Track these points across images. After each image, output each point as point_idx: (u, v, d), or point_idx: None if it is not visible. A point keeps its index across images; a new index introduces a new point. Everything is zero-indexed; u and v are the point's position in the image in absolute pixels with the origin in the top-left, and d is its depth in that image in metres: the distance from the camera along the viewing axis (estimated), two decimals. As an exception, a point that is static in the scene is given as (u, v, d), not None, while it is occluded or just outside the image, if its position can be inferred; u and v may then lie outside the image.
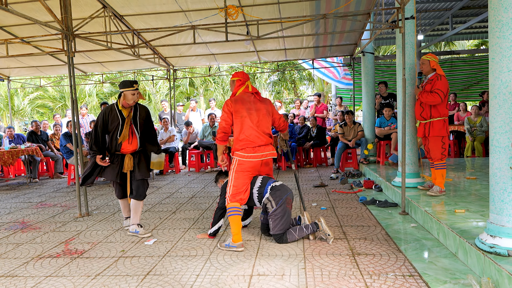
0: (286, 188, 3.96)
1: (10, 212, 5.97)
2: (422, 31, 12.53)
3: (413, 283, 2.88)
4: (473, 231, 3.41)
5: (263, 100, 4.09)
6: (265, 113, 4.00)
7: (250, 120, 3.89)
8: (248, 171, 3.91)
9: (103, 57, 9.93)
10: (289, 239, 3.83)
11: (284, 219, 3.82)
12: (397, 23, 5.20)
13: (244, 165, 3.90)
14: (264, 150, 3.93)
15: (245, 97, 4.00)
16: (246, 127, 3.89)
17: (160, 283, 3.11)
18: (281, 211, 3.81)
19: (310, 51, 10.40)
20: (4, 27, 7.67)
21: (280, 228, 3.82)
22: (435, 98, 4.71)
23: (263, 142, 3.92)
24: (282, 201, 3.83)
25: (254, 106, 3.97)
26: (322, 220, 3.87)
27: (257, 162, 3.92)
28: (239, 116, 3.91)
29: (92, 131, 4.41)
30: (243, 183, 3.90)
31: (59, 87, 20.55)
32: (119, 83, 4.38)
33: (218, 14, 6.41)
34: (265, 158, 3.95)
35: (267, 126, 4.00)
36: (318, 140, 9.57)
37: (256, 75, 21.54)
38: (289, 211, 3.90)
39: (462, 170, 6.84)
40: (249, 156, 3.88)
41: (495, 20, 2.84)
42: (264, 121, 3.96)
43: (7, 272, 3.48)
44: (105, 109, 4.38)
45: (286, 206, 3.85)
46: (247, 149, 3.89)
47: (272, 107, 4.15)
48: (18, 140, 9.54)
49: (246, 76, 4.15)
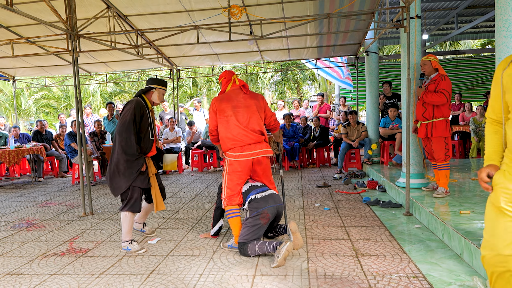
0: (268, 201, 3.67)
1: (15, 210, 6.00)
2: (427, 30, 12.49)
3: (417, 285, 2.87)
4: (479, 233, 3.39)
5: (253, 95, 3.88)
6: (255, 110, 3.79)
7: (236, 119, 3.71)
8: (239, 171, 3.74)
9: (107, 57, 9.96)
10: (249, 250, 3.52)
11: (252, 231, 3.57)
12: (401, 23, 5.18)
13: (233, 165, 3.74)
14: (255, 148, 3.73)
15: (232, 94, 3.82)
16: (232, 126, 3.71)
17: (163, 282, 3.12)
18: (252, 222, 3.60)
19: (313, 51, 10.38)
20: (10, 27, 7.70)
21: (244, 237, 3.57)
22: (441, 98, 4.68)
23: (253, 140, 3.73)
24: (256, 213, 3.61)
25: (243, 102, 3.78)
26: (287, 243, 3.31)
27: (248, 161, 3.73)
28: (224, 115, 3.75)
29: (127, 133, 3.73)
30: (236, 184, 3.76)
31: (64, 87, 20.63)
32: (151, 79, 4.07)
33: (221, 14, 6.42)
34: (257, 156, 3.74)
35: (257, 123, 3.78)
36: (321, 140, 9.55)
37: (259, 74, 21.54)
38: (262, 224, 3.60)
39: (467, 171, 6.81)
40: (238, 155, 3.71)
41: (502, 19, 2.82)
42: (254, 118, 3.76)
43: (13, 270, 3.49)
44: (136, 106, 3.81)
45: (260, 219, 3.59)
46: (236, 149, 3.72)
47: (265, 103, 3.93)
48: (23, 140, 9.59)
49: (231, 73, 3.99)
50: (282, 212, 3.83)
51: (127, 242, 3.88)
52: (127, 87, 22.71)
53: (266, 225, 3.64)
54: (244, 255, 3.58)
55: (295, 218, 4.86)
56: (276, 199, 3.77)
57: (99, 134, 8.84)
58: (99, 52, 8.99)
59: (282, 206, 3.82)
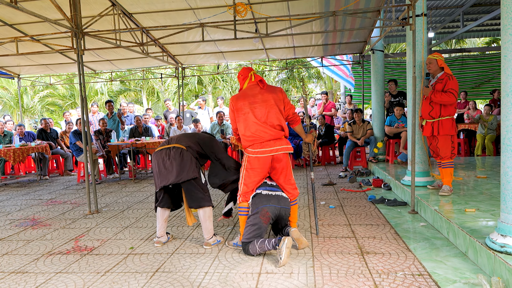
0: (271, 200, 3.63)
1: (20, 209, 6.03)
2: (432, 28, 12.42)
3: (422, 282, 2.86)
4: (484, 231, 3.37)
5: (270, 89, 3.79)
6: (273, 104, 3.69)
7: (253, 116, 3.66)
8: (257, 168, 3.70)
9: (112, 55, 9.99)
10: (250, 249, 3.49)
11: (252, 230, 3.51)
12: (407, 20, 5.15)
13: (252, 162, 3.70)
14: (274, 145, 3.66)
15: (248, 91, 3.76)
16: (251, 123, 3.66)
17: (169, 280, 3.12)
18: (252, 220, 3.56)
19: (319, 49, 10.36)
20: (14, 25, 7.73)
21: (246, 237, 3.53)
22: (450, 98, 4.67)
23: (272, 136, 3.66)
24: (256, 210, 3.58)
25: (261, 97, 3.71)
26: (286, 240, 3.28)
27: (267, 158, 3.67)
28: (242, 113, 3.72)
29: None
30: (252, 181, 3.74)
31: (69, 85, 20.70)
32: None
33: (226, 11, 6.40)
34: (276, 153, 3.67)
35: (276, 117, 3.69)
36: (326, 139, 9.53)
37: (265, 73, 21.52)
38: (262, 223, 3.54)
39: (473, 169, 6.77)
40: (257, 152, 3.65)
41: (508, 17, 2.80)
42: (272, 112, 3.68)
43: (18, 268, 3.51)
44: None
45: (260, 217, 3.54)
46: (255, 145, 3.67)
47: (284, 95, 3.81)
48: (28, 138, 9.64)
49: (248, 69, 3.93)
50: (286, 215, 3.75)
51: (212, 237, 3.91)
52: (133, 85, 22.79)
53: (266, 226, 3.59)
54: (247, 254, 3.57)
55: (301, 216, 4.85)
56: (282, 201, 3.70)
57: (104, 133, 8.87)
58: (104, 50, 9.01)
59: (287, 209, 3.73)
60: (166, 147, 3.85)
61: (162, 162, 3.79)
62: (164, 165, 3.78)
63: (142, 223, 4.91)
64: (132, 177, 8.48)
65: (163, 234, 4.03)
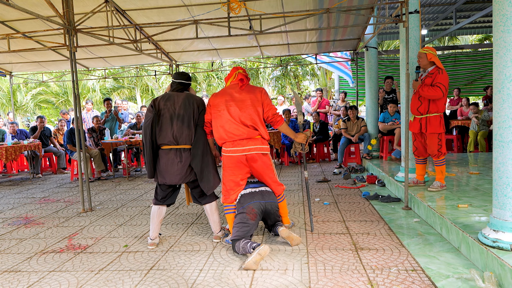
0: (254, 197, 3.64)
1: (13, 207, 5.99)
2: (426, 25, 12.46)
3: (415, 278, 2.88)
4: (476, 226, 3.40)
5: (249, 89, 3.76)
6: (249, 104, 3.66)
7: (228, 113, 3.65)
8: (231, 167, 3.69)
9: (105, 52, 9.91)
10: (236, 248, 3.45)
11: (239, 228, 3.50)
12: (400, 17, 5.17)
13: (225, 161, 3.70)
14: (247, 144, 3.63)
15: (228, 90, 3.77)
16: (225, 121, 3.65)
17: (163, 277, 3.12)
18: (239, 219, 3.56)
19: (313, 46, 10.36)
20: (6, 22, 7.64)
21: (235, 234, 3.51)
22: (436, 92, 4.58)
23: (245, 135, 3.63)
24: (242, 208, 3.60)
25: (238, 97, 3.69)
26: (261, 247, 3.21)
27: (239, 157, 3.65)
28: (217, 110, 3.71)
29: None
30: (230, 180, 3.73)
31: (62, 83, 20.57)
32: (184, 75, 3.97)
33: (220, 8, 6.38)
34: (248, 153, 3.64)
35: (250, 117, 3.64)
36: (321, 136, 9.54)
37: (259, 70, 21.51)
38: (249, 220, 3.53)
39: (465, 165, 6.82)
40: (229, 151, 3.65)
41: (499, 14, 2.82)
42: (247, 112, 3.64)
43: (11, 267, 3.49)
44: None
45: (246, 215, 3.54)
46: (227, 143, 3.67)
47: (263, 97, 3.74)
48: (21, 136, 9.56)
49: (236, 68, 3.91)
50: (273, 209, 3.73)
51: (222, 231, 4.00)
52: (126, 83, 22.68)
53: (254, 222, 3.57)
54: (235, 252, 3.55)
55: (295, 213, 4.86)
56: (266, 196, 3.70)
57: (97, 130, 8.82)
58: (97, 47, 8.95)
59: (273, 203, 3.72)
60: (175, 147, 3.76)
61: (172, 162, 3.73)
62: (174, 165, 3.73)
63: (136, 221, 4.90)
64: (126, 175, 8.45)
65: (157, 235, 3.94)
